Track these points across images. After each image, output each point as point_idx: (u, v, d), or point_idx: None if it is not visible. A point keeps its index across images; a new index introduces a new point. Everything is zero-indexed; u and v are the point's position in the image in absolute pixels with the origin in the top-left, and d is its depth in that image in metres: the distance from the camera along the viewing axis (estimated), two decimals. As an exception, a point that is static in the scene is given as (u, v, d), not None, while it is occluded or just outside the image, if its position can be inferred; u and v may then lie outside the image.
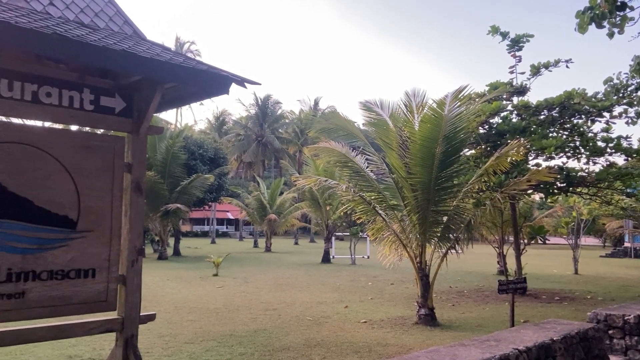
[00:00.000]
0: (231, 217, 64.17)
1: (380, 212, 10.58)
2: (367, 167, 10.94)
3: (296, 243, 47.16)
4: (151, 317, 4.43)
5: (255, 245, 40.89)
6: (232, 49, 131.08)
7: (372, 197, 10.73)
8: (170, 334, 8.37)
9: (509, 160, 10.25)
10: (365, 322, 9.85)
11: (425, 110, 9.80)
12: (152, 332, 8.28)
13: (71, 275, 3.93)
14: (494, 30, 12.55)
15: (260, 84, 4.56)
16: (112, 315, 4.19)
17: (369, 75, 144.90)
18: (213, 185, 31.05)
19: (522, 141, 10.44)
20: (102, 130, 4.64)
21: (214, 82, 4.16)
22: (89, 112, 4.12)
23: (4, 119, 4.17)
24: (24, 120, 4.30)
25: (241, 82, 4.19)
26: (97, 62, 3.52)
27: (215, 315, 10.24)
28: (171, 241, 30.40)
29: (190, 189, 26.25)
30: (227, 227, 68.51)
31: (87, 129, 4.71)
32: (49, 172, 3.89)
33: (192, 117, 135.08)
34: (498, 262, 20.40)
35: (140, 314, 4.26)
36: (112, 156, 4.25)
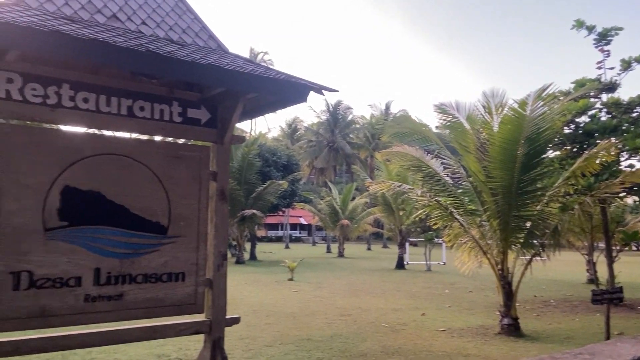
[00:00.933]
0: (304, 222, 65.03)
1: (457, 217, 10.28)
2: (443, 171, 10.68)
3: (369, 248, 46.92)
4: (236, 320, 4.57)
5: (328, 250, 41.12)
6: (302, 56, 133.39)
7: (449, 202, 10.45)
8: (249, 336, 8.59)
9: (598, 161, 9.61)
10: (444, 330, 9.59)
11: (505, 111, 9.43)
12: (233, 335, 8.54)
13: (164, 278, 4.15)
14: (579, 24, 11.87)
15: (337, 91, 4.58)
16: (200, 317, 4.37)
17: (438, 80, 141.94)
18: (286, 191, 31.62)
19: (613, 141, 9.77)
20: (182, 141, 4.86)
21: (293, 91, 4.24)
22: (178, 123, 4.34)
23: (100, 132, 4.48)
24: (117, 133, 4.59)
25: (319, 89, 4.24)
26: (186, 76, 3.70)
27: (292, 319, 10.39)
28: (247, 246, 31.32)
29: (264, 195, 26.91)
30: (300, 232, 69.49)
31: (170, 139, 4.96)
32: (143, 181, 4.14)
33: (266, 125, 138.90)
34: (587, 271, 19.14)
35: (226, 317, 4.41)
36: (198, 165, 4.45)
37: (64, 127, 4.19)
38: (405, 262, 26.19)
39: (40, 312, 3.63)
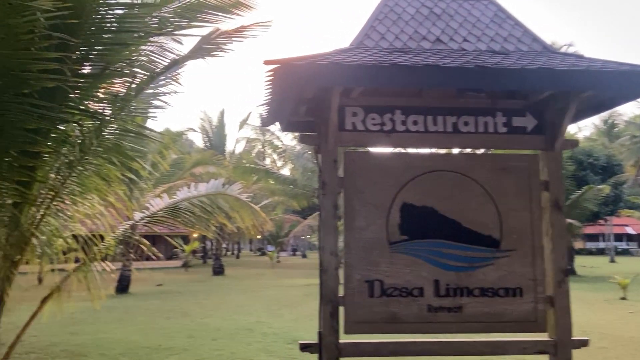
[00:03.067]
0: (632, 231, 55.54)
1: None
2: None
3: None
4: (584, 343, 4.15)
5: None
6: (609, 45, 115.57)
7: None
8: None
9: None
10: None
11: None
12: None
13: (500, 293, 4.09)
14: None
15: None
16: (542, 336, 4.13)
17: None
18: (608, 197, 27.63)
19: None
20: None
21: (636, 83, 3.67)
22: (502, 134, 4.26)
23: (428, 151, 4.76)
24: (435, 149, 4.77)
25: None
26: (514, 85, 3.63)
27: (632, 344, 8.90)
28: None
29: (581, 202, 24.15)
30: (627, 244, 59.56)
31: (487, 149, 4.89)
32: (472, 195, 4.19)
33: (575, 125, 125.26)
34: None
35: (572, 338, 4.05)
36: (527, 175, 4.27)
37: (397, 149, 4.61)
38: None
39: (391, 318, 4.02)
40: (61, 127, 4.96)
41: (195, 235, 33.34)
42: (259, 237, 54.05)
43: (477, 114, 4.24)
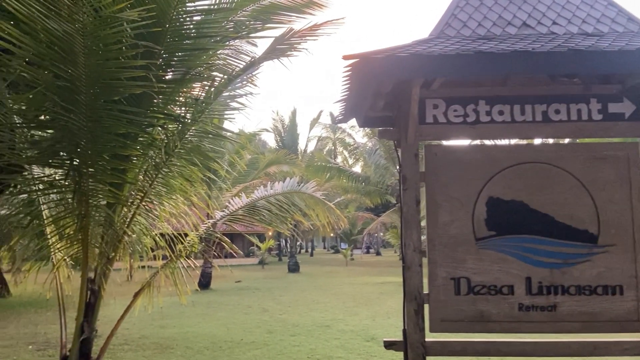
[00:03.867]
0: None
1: None
2: None
3: None
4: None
5: None
6: None
7: None
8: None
9: None
10: None
11: None
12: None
13: (598, 291, 3.82)
14: None
15: None
16: (644, 337, 3.82)
17: None
18: None
19: None
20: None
21: None
22: (597, 121, 3.97)
23: (516, 141, 4.51)
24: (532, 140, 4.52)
25: None
26: (612, 69, 3.36)
27: None
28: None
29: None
30: None
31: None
32: (565, 187, 3.94)
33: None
34: None
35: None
36: (626, 165, 3.95)
37: (482, 142, 4.42)
38: None
39: (479, 317, 3.86)
40: (148, 131, 5.21)
41: (270, 233, 34.16)
42: (332, 235, 54.46)
43: (569, 101, 3.97)
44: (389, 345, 3.97)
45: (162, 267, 6.06)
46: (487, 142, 4.26)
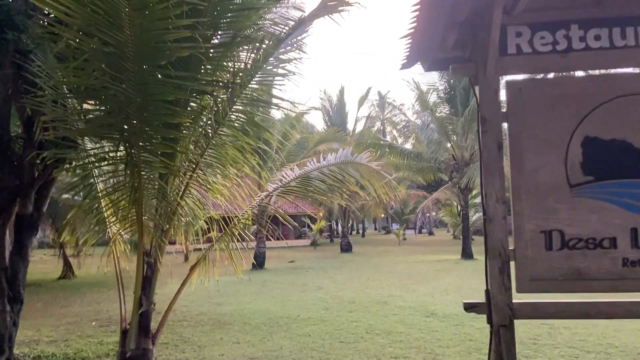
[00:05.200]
0: None
1: None
2: None
3: None
4: None
5: None
6: None
7: None
8: None
9: None
10: None
11: None
12: None
13: None
14: None
15: None
16: None
17: None
18: None
19: None
20: None
21: None
22: None
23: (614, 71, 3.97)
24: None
25: None
26: None
27: None
28: None
29: None
30: None
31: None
32: None
33: None
34: None
35: None
36: None
37: (575, 73, 3.91)
38: None
39: (575, 275, 3.42)
40: (197, 98, 5.03)
41: (321, 214, 34.11)
42: (383, 215, 53.93)
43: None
44: (469, 307, 3.58)
45: (217, 240, 5.95)
46: (580, 73, 3.78)
